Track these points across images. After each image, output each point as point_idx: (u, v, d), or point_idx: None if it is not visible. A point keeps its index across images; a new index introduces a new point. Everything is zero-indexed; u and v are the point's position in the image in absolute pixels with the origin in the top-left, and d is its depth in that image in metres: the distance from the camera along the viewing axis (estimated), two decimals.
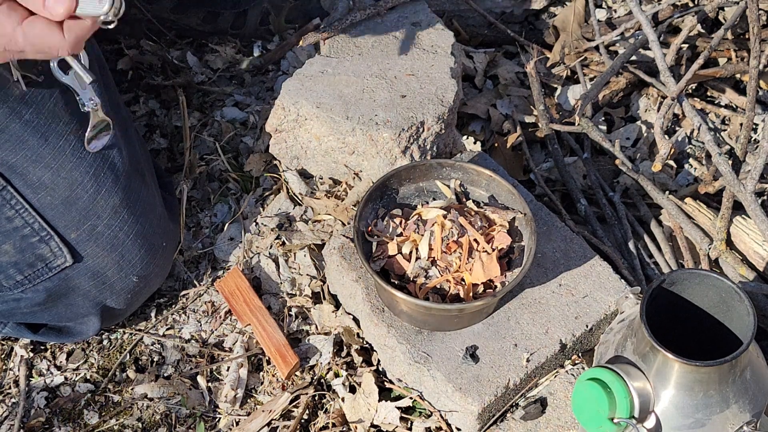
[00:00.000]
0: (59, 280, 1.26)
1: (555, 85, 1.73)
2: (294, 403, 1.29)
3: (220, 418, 1.30)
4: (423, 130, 1.43)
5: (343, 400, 1.29)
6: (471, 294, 1.24)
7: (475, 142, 1.57)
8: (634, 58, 1.69)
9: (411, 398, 1.27)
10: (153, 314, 1.40)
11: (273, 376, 1.32)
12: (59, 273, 1.25)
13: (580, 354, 1.31)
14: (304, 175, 1.51)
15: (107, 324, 1.35)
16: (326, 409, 1.30)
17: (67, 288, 1.27)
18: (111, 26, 0.95)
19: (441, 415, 1.25)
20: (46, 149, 1.20)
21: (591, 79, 1.71)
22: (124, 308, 1.33)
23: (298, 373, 1.33)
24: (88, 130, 1.20)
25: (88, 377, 1.34)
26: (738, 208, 1.44)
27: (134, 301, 1.34)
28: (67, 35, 0.93)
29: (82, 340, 1.36)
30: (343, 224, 1.44)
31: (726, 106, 1.71)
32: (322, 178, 1.50)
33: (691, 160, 1.64)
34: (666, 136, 1.41)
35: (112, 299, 1.30)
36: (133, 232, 1.27)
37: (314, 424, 1.28)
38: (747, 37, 1.74)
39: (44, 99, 1.20)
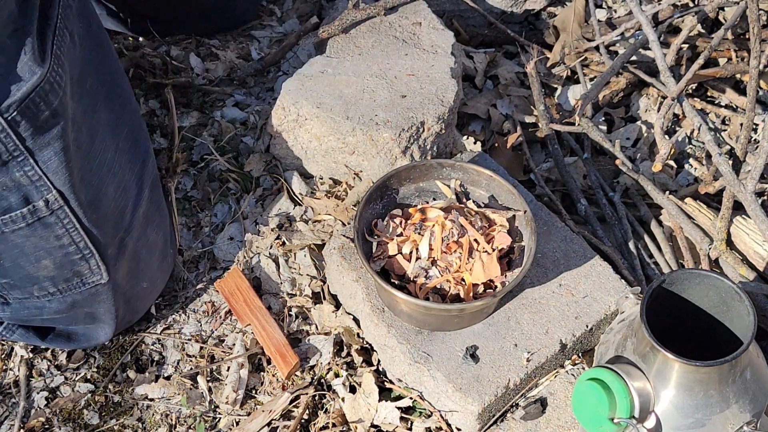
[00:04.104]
0: (88, 294, 1.26)
1: (555, 85, 1.73)
2: (294, 403, 1.29)
3: (220, 418, 1.30)
4: (423, 130, 1.42)
5: (343, 400, 1.29)
6: (471, 294, 1.24)
7: (475, 142, 1.57)
8: (634, 58, 1.69)
9: (411, 398, 1.27)
10: (153, 314, 1.40)
11: (273, 376, 1.32)
12: (91, 288, 1.26)
13: (580, 354, 1.31)
14: (304, 175, 1.51)
15: (115, 330, 1.34)
16: (326, 409, 1.30)
17: (92, 300, 1.28)
18: None
19: (441, 415, 1.25)
20: (87, 167, 1.20)
21: (591, 79, 1.71)
22: (134, 314, 1.34)
23: (298, 373, 1.33)
24: None
25: (88, 377, 1.34)
26: (738, 208, 1.44)
27: (142, 307, 1.35)
28: None
29: (91, 346, 1.36)
30: (343, 224, 1.44)
31: (726, 106, 1.71)
32: (322, 178, 1.50)
33: (691, 160, 1.64)
34: (666, 136, 1.41)
35: (123, 307, 1.30)
36: (149, 242, 1.28)
37: (314, 424, 1.28)
38: (747, 37, 1.74)
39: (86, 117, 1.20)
